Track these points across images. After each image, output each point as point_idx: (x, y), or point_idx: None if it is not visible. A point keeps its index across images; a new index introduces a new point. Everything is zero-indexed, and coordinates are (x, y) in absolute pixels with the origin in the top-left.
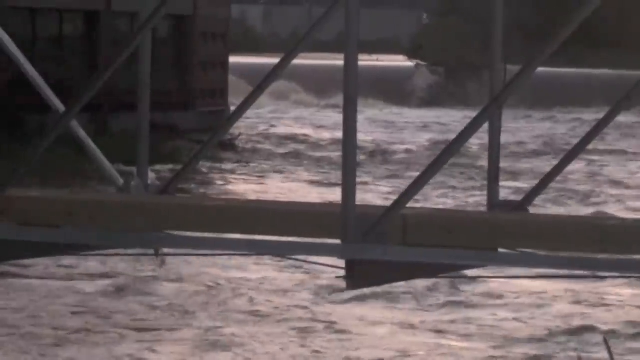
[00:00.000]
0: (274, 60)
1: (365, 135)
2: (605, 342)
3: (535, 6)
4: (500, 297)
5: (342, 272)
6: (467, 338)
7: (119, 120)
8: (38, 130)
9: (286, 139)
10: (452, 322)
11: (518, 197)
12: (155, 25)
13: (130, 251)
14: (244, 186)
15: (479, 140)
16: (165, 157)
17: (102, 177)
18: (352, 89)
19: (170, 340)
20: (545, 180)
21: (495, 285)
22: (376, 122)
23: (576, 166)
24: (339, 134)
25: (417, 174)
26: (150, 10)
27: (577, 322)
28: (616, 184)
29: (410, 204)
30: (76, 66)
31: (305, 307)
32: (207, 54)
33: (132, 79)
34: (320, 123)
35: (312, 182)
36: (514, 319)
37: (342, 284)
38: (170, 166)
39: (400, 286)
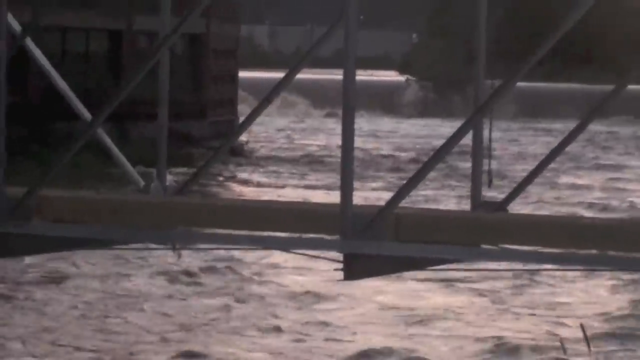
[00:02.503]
0: (279, 75)
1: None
2: (582, 328)
3: (514, 29)
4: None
5: (340, 265)
6: None
7: (140, 128)
8: (67, 137)
9: (290, 144)
10: None
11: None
12: (172, 43)
13: (150, 245)
14: (253, 188)
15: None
16: (181, 161)
17: (125, 179)
18: (350, 100)
19: None
20: (523, 184)
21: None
22: (372, 131)
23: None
24: (337, 140)
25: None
26: (168, 29)
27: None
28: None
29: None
30: (101, 79)
31: None
32: (219, 69)
33: (152, 91)
34: (321, 130)
35: (310, 184)
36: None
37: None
38: (185, 169)
39: None
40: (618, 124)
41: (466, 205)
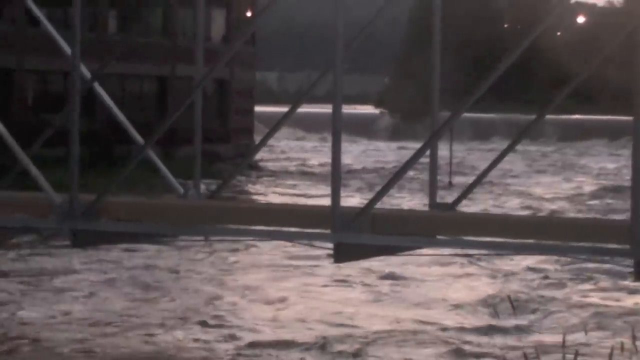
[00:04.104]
0: (285, 109)
1: (348, 160)
2: (509, 299)
3: (461, 73)
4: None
5: (331, 252)
6: None
7: (180, 150)
8: (125, 157)
9: (293, 161)
10: None
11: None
12: (205, 85)
13: (189, 238)
14: (266, 192)
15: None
16: (211, 174)
17: (169, 188)
18: (338, 127)
19: None
20: (467, 191)
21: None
22: (354, 150)
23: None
24: (328, 158)
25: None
26: (202, 75)
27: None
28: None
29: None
30: (151, 113)
31: None
32: (239, 105)
33: (189, 122)
34: (316, 150)
35: (309, 190)
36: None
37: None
38: (214, 181)
39: None
40: (546, 144)
41: (425, 206)
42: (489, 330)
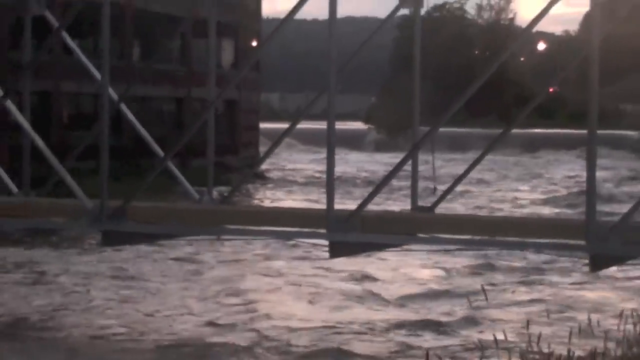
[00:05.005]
0: (286, 125)
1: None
2: (482, 289)
3: (439, 93)
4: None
5: (327, 249)
6: None
7: (195, 161)
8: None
9: (293, 170)
10: None
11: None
12: (216, 105)
13: (203, 237)
14: (270, 197)
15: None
16: (222, 182)
17: (186, 194)
18: (332, 141)
19: None
20: (444, 195)
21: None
22: (345, 160)
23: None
24: (323, 167)
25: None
26: (214, 97)
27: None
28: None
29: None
30: (170, 129)
31: None
32: (246, 122)
33: (203, 137)
34: (313, 161)
35: (307, 196)
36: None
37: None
38: (226, 188)
39: None
40: (512, 154)
41: (407, 208)
42: None
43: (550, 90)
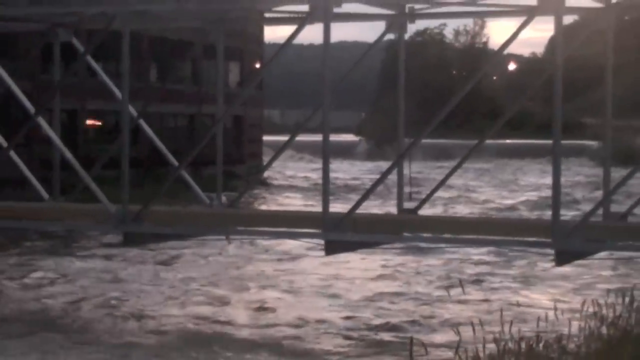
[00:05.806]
0: (286, 138)
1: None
2: (460, 283)
3: (421, 109)
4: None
5: (322, 247)
6: None
7: (206, 170)
8: (164, 176)
9: (292, 178)
10: None
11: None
12: (224, 120)
13: (212, 237)
14: (272, 201)
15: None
16: (230, 188)
17: (198, 200)
18: (327, 152)
19: None
20: (426, 198)
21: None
22: (339, 168)
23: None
24: (319, 175)
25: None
26: (222, 113)
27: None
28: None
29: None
30: (183, 142)
31: None
32: (251, 135)
33: (212, 148)
34: (310, 170)
35: (305, 200)
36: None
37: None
38: (233, 193)
39: None
40: (486, 162)
41: (394, 211)
42: None
43: (519, 105)
